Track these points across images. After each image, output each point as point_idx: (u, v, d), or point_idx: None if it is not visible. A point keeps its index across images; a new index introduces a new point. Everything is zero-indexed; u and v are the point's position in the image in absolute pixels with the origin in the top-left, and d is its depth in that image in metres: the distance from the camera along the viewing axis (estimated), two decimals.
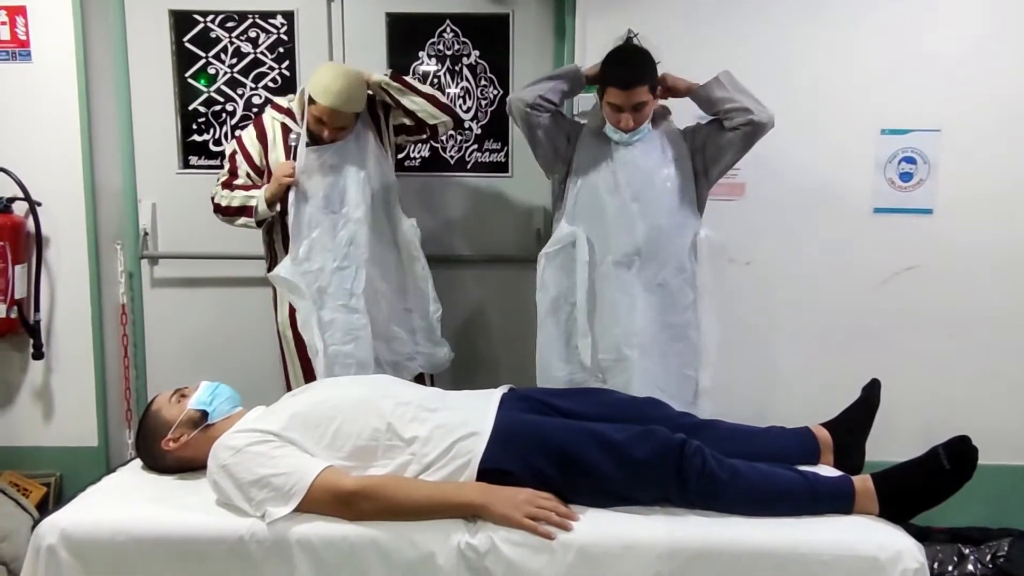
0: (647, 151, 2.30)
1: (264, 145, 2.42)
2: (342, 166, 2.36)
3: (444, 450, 1.61)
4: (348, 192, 2.36)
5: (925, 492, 1.60)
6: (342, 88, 2.26)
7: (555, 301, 2.34)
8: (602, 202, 2.28)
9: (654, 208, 2.28)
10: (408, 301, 2.53)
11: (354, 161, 2.37)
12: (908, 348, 2.83)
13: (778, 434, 1.85)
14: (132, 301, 2.88)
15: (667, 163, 2.31)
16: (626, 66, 2.24)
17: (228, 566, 1.51)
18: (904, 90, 2.74)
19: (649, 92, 2.22)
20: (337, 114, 2.29)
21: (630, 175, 2.27)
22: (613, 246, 2.28)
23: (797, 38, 2.72)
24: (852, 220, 2.79)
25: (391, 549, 1.50)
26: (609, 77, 2.23)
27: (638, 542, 1.49)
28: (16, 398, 2.88)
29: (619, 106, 2.21)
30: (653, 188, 2.28)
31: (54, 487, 2.83)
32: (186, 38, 2.83)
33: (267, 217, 2.40)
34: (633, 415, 1.76)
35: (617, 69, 2.23)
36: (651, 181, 2.29)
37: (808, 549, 1.49)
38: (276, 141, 2.41)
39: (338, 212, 2.36)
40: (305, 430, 1.63)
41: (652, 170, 2.29)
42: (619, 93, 2.19)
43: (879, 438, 1.92)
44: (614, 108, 2.23)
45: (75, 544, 1.52)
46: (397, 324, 2.49)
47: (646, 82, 2.21)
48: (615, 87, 2.20)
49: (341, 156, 2.37)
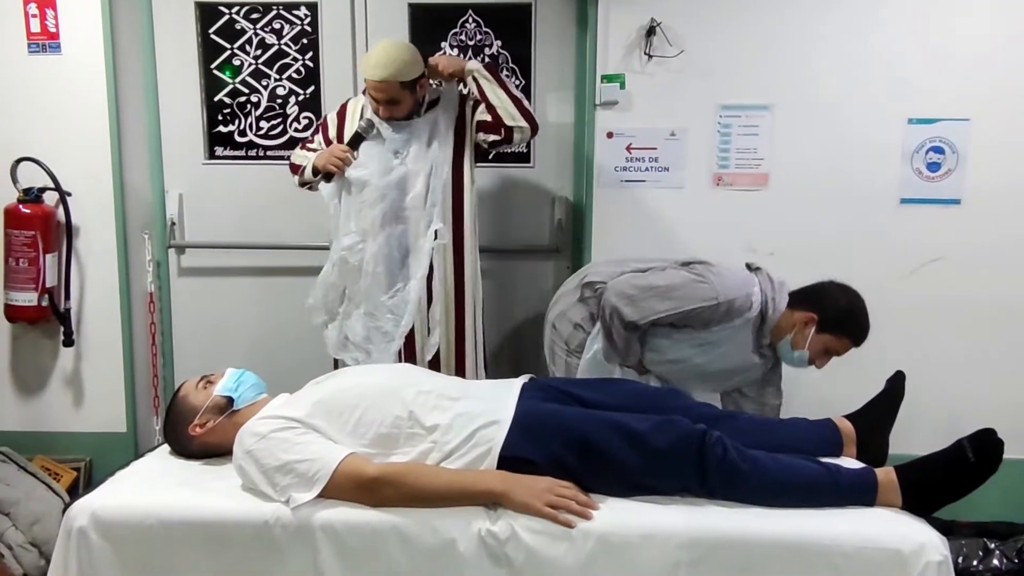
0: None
1: (341, 121, 2.45)
2: (404, 156, 2.34)
3: (465, 438, 1.62)
4: (407, 183, 2.34)
5: (949, 485, 1.58)
6: (380, 58, 2.25)
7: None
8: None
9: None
10: (394, 302, 2.39)
11: (416, 156, 2.34)
12: (934, 340, 2.80)
13: (800, 425, 1.84)
14: (159, 289, 2.93)
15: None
16: (869, 329, 2.14)
17: (253, 549, 1.53)
18: (932, 78, 2.69)
19: None
20: (381, 85, 2.26)
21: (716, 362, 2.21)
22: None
23: (823, 25, 2.68)
24: (878, 211, 2.76)
25: (413, 535, 1.51)
26: (857, 334, 2.14)
27: (658, 531, 1.50)
28: (47, 384, 2.94)
29: (838, 355, 2.15)
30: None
31: (84, 471, 2.89)
32: (211, 30, 2.86)
33: (311, 183, 2.42)
34: (653, 405, 1.75)
35: (866, 332, 2.14)
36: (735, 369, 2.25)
37: (830, 540, 1.48)
38: (354, 119, 2.42)
39: (390, 202, 2.34)
40: (328, 417, 1.65)
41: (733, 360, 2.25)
42: (851, 348, 2.14)
43: (903, 431, 1.90)
44: (831, 353, 2.15)
45: (105, 527, 1.55)
46: (365, 309, 2.39)
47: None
48: (854, 344, 2.14)
49: (404, 143, 2.35)
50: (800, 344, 2.14)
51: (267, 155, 2.92)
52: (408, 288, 2.36)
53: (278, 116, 2.90)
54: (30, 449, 2.81)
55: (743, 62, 2.70)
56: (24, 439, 2.86)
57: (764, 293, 2.13)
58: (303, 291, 2.88)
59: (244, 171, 2.92)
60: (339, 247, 2.38)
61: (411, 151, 2.35)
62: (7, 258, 2.72)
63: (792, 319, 2.13)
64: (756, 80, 2.72)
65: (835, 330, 2.12)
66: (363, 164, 2.35)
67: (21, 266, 2.71)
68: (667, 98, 2.72)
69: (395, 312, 2.36)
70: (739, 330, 2.14)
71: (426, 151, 2.35)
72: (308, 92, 2.88)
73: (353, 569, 1.52)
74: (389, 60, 2.26)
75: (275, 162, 2.90)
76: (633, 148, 2.75)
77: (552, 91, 2.88)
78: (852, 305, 2.15)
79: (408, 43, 2.35)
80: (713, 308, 2.08)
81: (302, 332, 2.78)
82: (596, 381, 2.09)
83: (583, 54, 2.77)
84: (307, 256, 2.86)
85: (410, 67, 2.29)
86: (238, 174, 2.92)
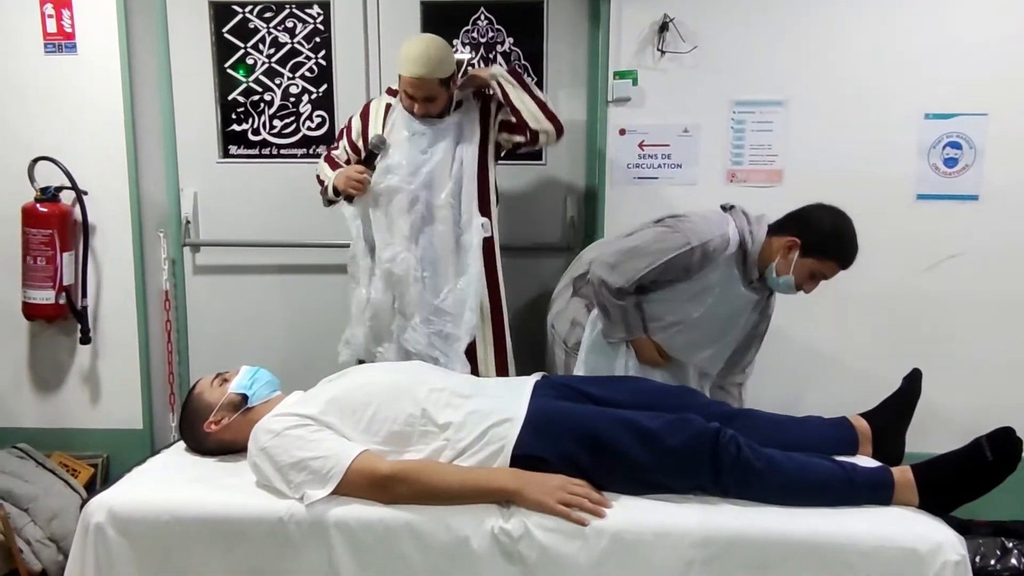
0: (746, 305, 2.26)
1: (365, 123, 2.44)
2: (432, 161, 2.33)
3: (478, 436, 1.62)
4: (433, 187, 2.33)
5: (967, 484, 1.57)
6: (420, 53, 2.24)
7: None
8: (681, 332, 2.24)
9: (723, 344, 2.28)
10: (449, 303, 2.37)
11: (444, 153, 2.33)
12: (951, 338, 2.77)
13: (815, 423, 1.83)
14: (175, 288, 2.95)
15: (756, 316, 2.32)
16: (856, 248, 2.11)
17: (268, 546, 1.54)
18: (950, 72, 2.66)
19: None
20: (420, 82, 2.25)
21: (724, 320, 2.24)
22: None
23: (838, 19, 2.66)
24: (894, 207, 2.73)
25: (426, 532, 1.52)
26: (842, 253, 2.10)
27: (672, 529, 1.49)
28: (65, 381, 2.97)
29: (825, 277, 2.12)
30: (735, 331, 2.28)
31: (101, 468, 2.91)
32: (225, 29, 2.87)
33: (335, 202, 2.43)
34: (666, 403, 1.75)
35: (852, 251, 2.11)
36: (738, 324, 2.28)
37: (845, 539, 1.47)
38: (377, 119, 2.42)
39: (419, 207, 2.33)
40: (342, 415, 1.66)
41: (740, 319, 2.28)
42: (838, 270, 2.11)
43: (920, 429, 1.89)
44: (817, 276, 2.11)
45: (122, 522, 1.57)
46: (421, 316, 2.36)
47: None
48: (840, 264, 2.11)
49: (432, 141, 2.34)
50: (784, 269, 2.11)
51: (280, 154, 2.93)
52: (461, 285, 2.34)
53: (291, 115, 2.91)
54: (48, 446, 2.84)
55: (757, 57, 2.68)
56: (42, 436, 2.89)
57: (740, 229, 2.13)
58: (317, 288, 2.92)
59: (258, 170, 2.93)
60: (381, 262, 2.34)
61: (439, 147, 2.34)
62: (25, 256, 2.75)
63: (775, 246, 2.12)
64: (770, 75, 2.70)
65: (819, 253, 2.08)
66: (391, 169, 2.34)
67: (39, 264, 2.74)
68: (680, 94, 2.71)
69: (453, 311, 2.35)
70: (724, 271, 2.14)
71: (453, 149, 2.35)
72: (321, 90, 2.89)
73: (367, 566, 1.53)
74: (429, 57, 2.24)
75: (288, 160, 2.91)
76: (646, 145, 2.74)
77: (564, 88, 2.87)
78: (836, 226, 2.10)
79: (441, 39, 2.33)
80: (689, 253, 2.09)
81: (317, 329, 2.79)
82: (608, 379, 2.08)
83: (595, 50, 2.77)
84: (321, 254, 2.88)
85: (447, 64, 2.28)
86: (252, 173, 2.93)
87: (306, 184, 2.62)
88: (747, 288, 2.18)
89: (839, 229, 2.10)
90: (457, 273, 2.36)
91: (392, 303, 2.38)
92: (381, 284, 2.36)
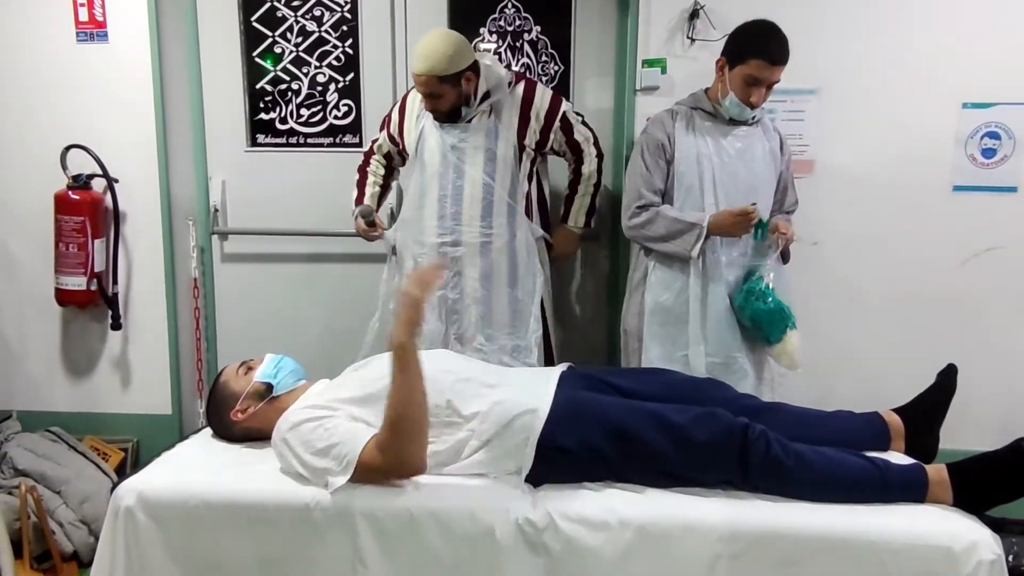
0: (753, 144, 2.27)
1: (402, 116, 2.45)
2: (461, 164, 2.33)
3: (503, 426, 1.61)
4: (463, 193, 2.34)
5: (1004, 486, 1.53)
6: (422, 49, 2.22)
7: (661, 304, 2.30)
8: (705, 193, 2.24)
9: (756, 199, 2.24)
10: (507, 315, 2.37)
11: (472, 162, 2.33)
12: (987, 333, 2.71)
13: (846, 419, 1.80)
14: (203, 275, 2.98)
15: (771, 160, 2.30)
16: (778, 40, 2.17)
17: (294, 531, 1.56)
18: (988, 61, 2.58)
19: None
20: (420, 78, 2.24)
21: (735, 164, 2.25)
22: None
23: (873, 5, 2.60)
24: (930, 198, 2.67)
25: (451, 521, 1.52)
26: (757, 48, 2.16)
27: (699, 523, 1.48)
28: (96, 367, 3.02)
29: (758, 80, 2.16)
30: (756, 177, 2.27)
31: (131, 452, 2.96)
32: (253, 18, 2.88)
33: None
34: (694, 396, 1.73)
35: (770, 43, 2.16)
36: (756, 172, 2.27)
37: (877, 536, 1.44)
38: (413, 111, 2.42)
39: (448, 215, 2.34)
40: (364, 404, 1.66)
41: (760, 162, 2.28)
42: (765, 66, 2.14)
43: (954, 426, 1.85)
44: (750, 81, 2.16)
45: (151, 506, 1.59)
46: (484, 335, 2.36)
47: (787, 63, 2.16)
48: (762, 60, 2.14)
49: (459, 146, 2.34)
50: (725, 91, 2.21)
51: (307, 143, 2.93)
52: (520, 296, 2.36)
53: (318, 103, 2.91)
54: (80, 429, 2.89)
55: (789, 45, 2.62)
56: (74, 420, 2.94)
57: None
58: (344, 276, 2.93)
59: (285, 158, 2.94)
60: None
61: (467, 157, 2.32)
62: (57, 243, 2.79)
63: (715, 78, 2.25)
64: (802, 63, 2.61)
65: (739, 59, 2.16)
66: (424, 190, 2.37)
67: (71, 251, 2.78)
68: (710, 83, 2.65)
69: (514, 323, 2.37)
70: (700, 128, 2.26)
71: (483, 157, 2.32)
72: (348, 79, 2.89)
73: (392, 553, 1.53)
74: (430, 52, 2.21)
75: (315, 149, 2.92)
76: None
77: (592, 76, 2.84)
78: (746, 27, 2.20)
79: (456, 35, 2.30)
80: (649, 135, 2.29)
81: (344, 317, 2.80)
82: (635, 371, 2.07)
83: (624, 38, 2.73)
84: (348, 243, 2.88)
85: (450, 61, 2.21)
86: (279, 161, 2.94)
87: (333, 173, 2.61)
88: (723, 124, 2.25)
89: (748, 28, 2.20)
90: (511, 283, 2.35)
91: (446, 332, 2.36)
92: (432, 315, 2.33)
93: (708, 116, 2.27)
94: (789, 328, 2.19)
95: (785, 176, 2.35)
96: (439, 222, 2.34)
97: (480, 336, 2.34)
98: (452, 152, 2.32)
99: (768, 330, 2.21)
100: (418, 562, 1.53)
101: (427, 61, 2.21)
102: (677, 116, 2.30)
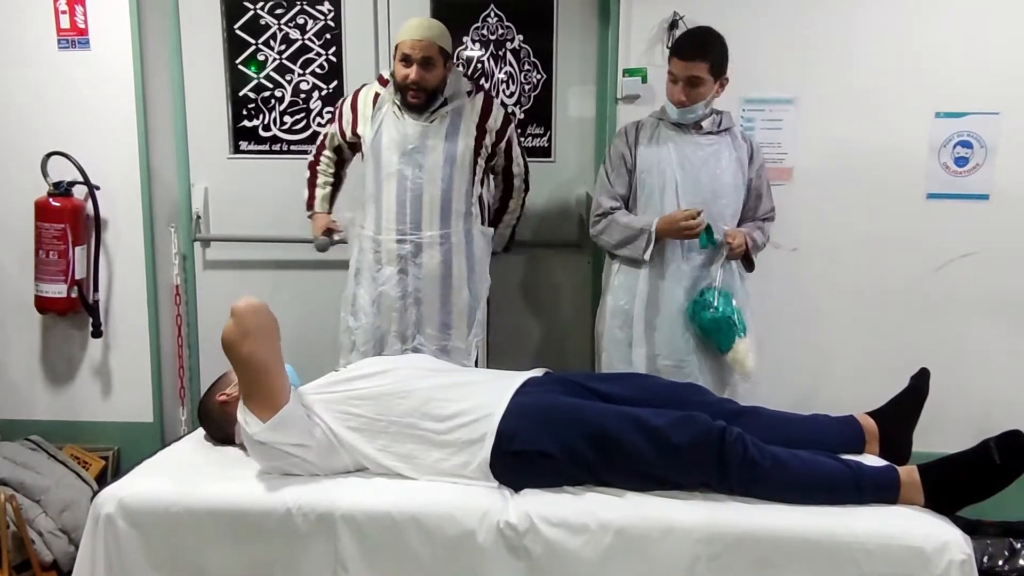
0: (720, 152, 2.29)
1: (355, 113, 2.44)
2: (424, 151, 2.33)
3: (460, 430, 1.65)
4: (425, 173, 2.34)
5: (973, 486, 1.57)
6: (421, 22, 2.32)
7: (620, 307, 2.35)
8: (665, 198, 2.27)
9: (718, 205, 2.27)
10: (448, 316, 2.39)
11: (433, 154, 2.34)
12: (960, 338, 2.76)
13: (822, 422, 1.83)
14: (185, 282, 2.97)
15: (732, 165, 2.30)
16: (689, 37, 2.31)
17: (275, 537, 1.56)
18: (961, 71, 2.64)
19: (709, 72, 2.21)
20: (420, 43, 2.25)
21: (697, 170, 2.27)
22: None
23: (847, 17, 2.65)
24: (904, 206, 2.72)
25: (432, 526, 1.53)
26: (673, 47, 2.31)
27: (677, 526, 1.50)
28: (77, 374, 3.00)
29: (676, 76, 2.23)
30: (720, 184, 2.29)
31: (112, 460, 2.94)
32: (236, 25, 2.88)
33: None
34: (673, 400, 1.75)
35: (680, 40, 2.34)
36: (720, 179, 2.29)
37: (851, 537, 1.47)
38: (366, 108, 2.41)
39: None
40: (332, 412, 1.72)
41: (725, 170, 2.29)
42: (677, 62, 2.23)
43: (927, 429, 1.88)
44: (671, 79, 2.25)
45: (132, 513, 1.59)
46: (425, 334, 2.37)
47: (706, 59, 2.20)
48: (674, 56, 2.25)
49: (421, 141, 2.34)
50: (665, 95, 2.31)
51: (291, 150, 2.94)
52: (466, 298, 2.38)
53: (301, 111, 2.92)
54: (60, 438, 2.87)
55: (766, 55, 2.67)
56: (54, 428, 2.92)
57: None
58: (326, 284, 2.93)
59: (268, 165, 2.95)
60: (376, 283, 2.38)
61: (428, 148, 2.33)
62: (37, 250, 2.77)
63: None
64: (780, 73, 2.69)
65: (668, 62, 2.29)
66: (380, 186, 2.36)
67: (51, 258, 2.76)
68: None
69: (457, 325, 2.39)
70: (665, 135, 2.31)
71: (442, 154, 2.33)
72: (331, 87, 2.90)
73: (373, 558, 1.54)
74: (429, 24, 2.33)
75: (299, 157, 2.91)
76: None
77: (574, 85, 2.88)
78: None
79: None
80: (614, 146, 2.38)
81: (324, 324, 2.80)
82: (614, 375, 2.09)
83: (605, 48, 2.76)
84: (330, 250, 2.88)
85: (446, 35, 2.33)
86: (262, 168, 2.95)
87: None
88: (697, 139, 2.29)
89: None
90: (462, 284, 2.37)
91: (387, 330, 2.37)
92: (371, 311, 2.38)
93: (673, 126, 2.31)
94: (738, 337, 2.20)
95: (757, 184, 2.37)
96: (397, 220, 2.34)
97: (420, 336, 2.35)
98: (412, 150, 2.32)
99: (716, 339, 2.23)
100: (399, 566, 1.54)
101: (429, 30, 2.29)
102: (642, 127, 2.36)
